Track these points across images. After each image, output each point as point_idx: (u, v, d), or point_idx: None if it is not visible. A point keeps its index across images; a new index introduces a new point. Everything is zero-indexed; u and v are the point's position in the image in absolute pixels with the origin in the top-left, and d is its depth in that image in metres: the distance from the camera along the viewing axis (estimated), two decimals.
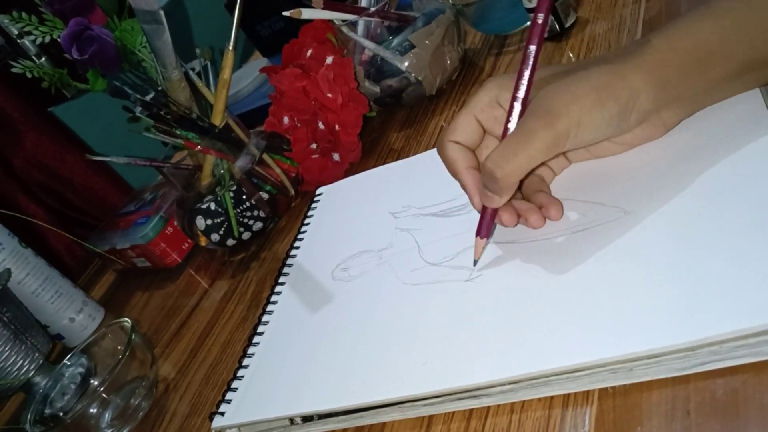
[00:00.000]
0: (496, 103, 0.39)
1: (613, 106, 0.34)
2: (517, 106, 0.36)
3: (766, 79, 0.36)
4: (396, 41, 0.63)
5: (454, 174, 0.39)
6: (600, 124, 0.34)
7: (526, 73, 0.36)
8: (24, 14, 0.58)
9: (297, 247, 0.56)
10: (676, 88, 0.35)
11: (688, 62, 0.34)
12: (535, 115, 0.34)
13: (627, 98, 0.34)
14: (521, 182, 0.38)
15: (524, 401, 0.32)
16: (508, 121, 0.37)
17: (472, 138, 0.40)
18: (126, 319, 0.57)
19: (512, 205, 0.38)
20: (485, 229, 0.38)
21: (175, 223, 0.70)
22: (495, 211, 0.38)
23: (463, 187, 0.39)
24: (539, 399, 0.32)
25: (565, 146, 0.34)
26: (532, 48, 0.35)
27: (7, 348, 0.59)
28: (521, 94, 0.36)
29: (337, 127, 0.62)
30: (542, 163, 0.37)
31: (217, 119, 0.62)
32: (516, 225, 0.39)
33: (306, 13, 0.59)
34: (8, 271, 0.66)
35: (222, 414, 0.43)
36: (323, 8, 0.61)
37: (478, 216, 0.39)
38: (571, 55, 0.57)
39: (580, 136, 0.34)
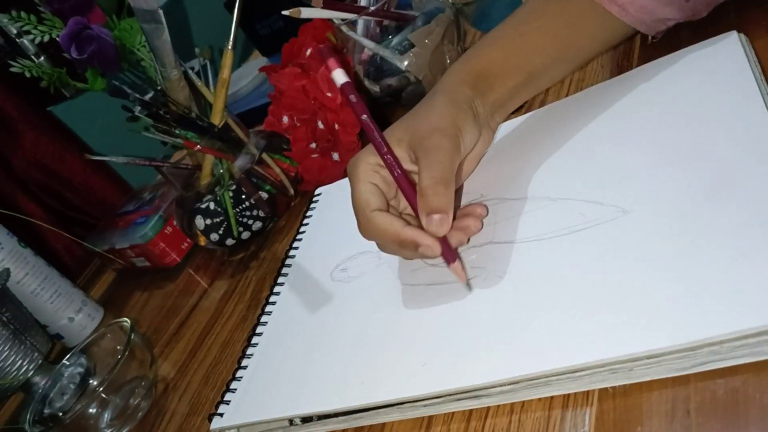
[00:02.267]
0: (378, 166, 0.42)
1: (470, 113, 0.42)
2: (389, 158, 0.40)
3: (553, 81, 0.48)
4: (395, 40, 0.63)
5: (396, 236, 0.39)
6: (471, 129, 0.41)
7: (377, 134, 0.41)
8: (23, 13, 0.58)
9: (296, 248, 0.56)
10: (489, 96, 0.43)
11: (487, 77, 0.43)
12: (428, 136, 0.39)
13: (471, 104, 0.42)
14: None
15: (524, 401, 0.32)
16: (394, 173, 0.40)
17: (383, 201, 0.41)
18: (125, 318, 0.57)
19: (455, 225, 0.40)
20: (451, 253, 0.38)
21: (175, 222, 0.70)
22: (446, 237, 0.39)
23: (412, 240, 0.38)
24: (539, 399, 0.32)
25: (461, 151, 0.40)
26: (365, 117, 0.41)
27: (6, 348, 0.59)
28: (384, 149, 0.40)
29: (336, 126, 0.62)
30: None
31: (217, 119, 0.62)
32: (467, 241, 0.41)
33: (305, 12, 0.59)
34: (7, 271, 0.66)
35: (221, 415, 0.43)
36: (323, 7, 0.61)
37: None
38: None
39: (465, 141, 0.41)
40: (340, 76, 0.41)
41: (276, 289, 0.52)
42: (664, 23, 0.44)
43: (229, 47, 0.60)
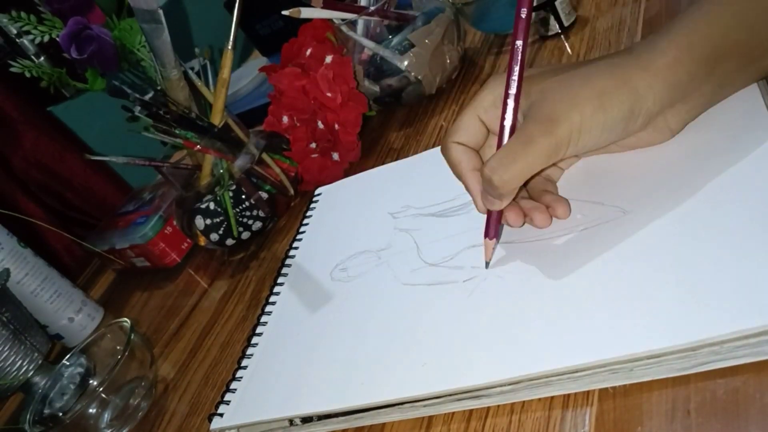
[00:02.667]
0: (501, 102, 0.37)
1: (617, 112, 0.33)
2: (511, 103, 0.35)
3: (767, 69, 0.35)
4: (395, 40, 0.63)
5: (459, 176, 0.39)
6: (603, 130, 0.34)
7: (516, 69, 0.35)
8: (23, 13, 0.58)
9: (296, 248, 0.56)
10: (685, 89, 0.34)
11: (695, 60, 0.33)
12: (535, 120, 0.34)
13: (632, 103, 0.33)
14: (527, 182, 0.38)
15: (524, 401, 0.32)
16: (503, 119, 0.36)
17: (475, 138, 0.39)
18: (125, 318, 0.57)
19: (518, 205, 0.38)
20: (493, 230, 0.38)
21: (175, 222, 0.70)
22: (500, 212, 0.38)
23: (467, 189, 0.38)
24: (539, 399, 0.32)
25: (566, 153, 0.34)
26: (519, 43, 0.35)
27: (6, 348, 0.59)
28: (513, 90, 0.35)
29: (336, 126, 0.62)
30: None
31: (217, 119, 0.62)
32: (523, 225, 0.38)
33: (305, 12, 0.59)
34: (7, 271, 0.66)
35: (221, 415, 0.43)
36: (323, 7, 0.61)
37: (478, 216, 0.39)
38: (570, 52, 0.57)
39: (582, 142, 0.34)
40: None
41: (276, 289, 0.52)
42: None
43: (229, 47, 0.60)
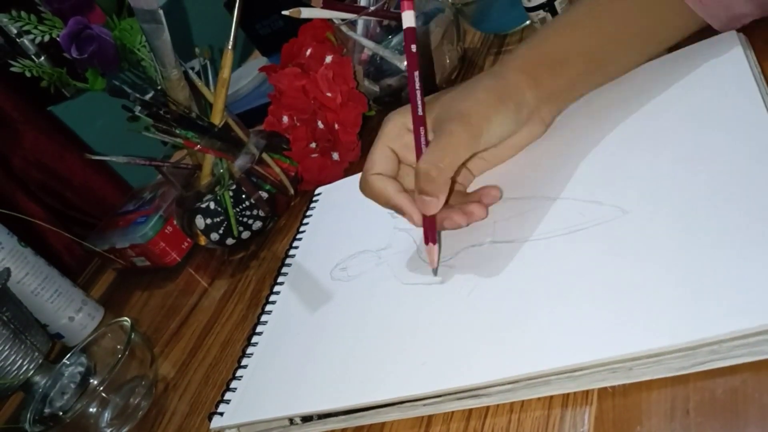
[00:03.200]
0: (405, 130, 0.42)
1: (510, 104, 0.40)
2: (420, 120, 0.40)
3: (616, 73, 0.43)
4: (395, 40, 0.63)
5: (387, 202, 0.41)
6: (504, 119, 0.40)
7: (418, 93, 0.40)
8: (23, 13, 0.58)
9: (296, 247, 0.56)
10: (548, 86, 0.41)
11: (550, 63, 0.41)
12: (448, 120, 0.39)
13: (517, 96, 0.40)
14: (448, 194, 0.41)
15: (523, 401, 0.32)
16: (419, 133, 0.40)
17: (391, 167, 0.42)
18: (125, 318, 0.57)
19: (454, 206, 0.41)
20: (432, 234, 0.39)
21: (175, 222, 0.70)
22: (434, 218, 0.40)
23: (400, 208, 0.41)
24: (538, 399, 0.32)
25: (481, 142, 0.39)
26: (416, 73, 0.40)
27: (6, 347, 0.59)
28: (421, 112, 0.40)
29: (336, 126, 0.62)
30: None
31: (217, 118, 0.62)
32: (468, 224, 0.41)
33: (305, 12, 0.59)
34: (7, 270, 0.66)
35: (221, 414, 0.43)
36: (322, 7, 0.61)
37: None
38: None
39: (491, 132, 0.39)
40: (409, 19, 0.40)
41: (276, 288, 0.52)
42: (739, 21, 0.41)
43: (229, 47, 0.60)
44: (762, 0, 0.40)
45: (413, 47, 0.41)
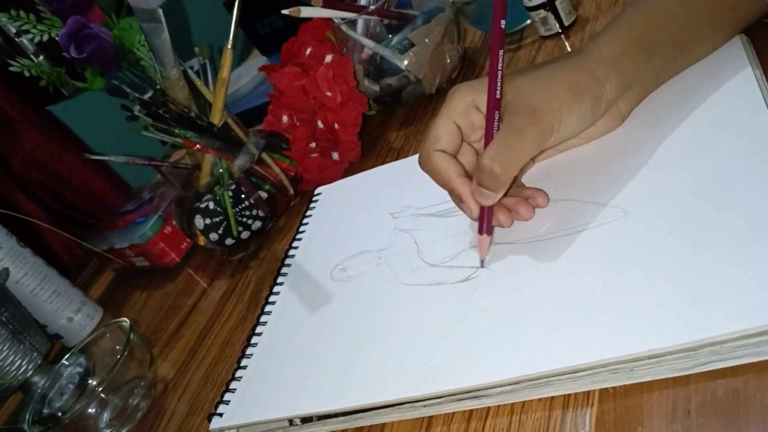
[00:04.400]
0: (474, 108, 0.40)
1: (587, 99, 0.37)
2: (496, 106, 0.38)
3: (696, 59, 0.41)
4: (395, 40, 0.63)
5: (446, 183, 0.39)
6: (578, 117, 0.37)
7: (500, 74, 0.38)
8: (22, 13, 0.58)
9: (296, 247, 0.56)
10: (632, 77, 0.39)
11: (636, 51, 0.38)
12: (520, 113, 0.37)
13: (597, 90, 0.37)
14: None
15: (524, 402, 0.32)
16: (490, 116, 0.38)
17: (454, 145, 0.40)
18: (124, 318, 0.57)
19: (503, 204, 0.39)
20: (487, 225, 0.38)
21: (174, 222, 0.69)
22: (492, 209, 0.38)
23: (458, 194, 0.39)
24: (540, 399, 0.32)
25: (550, 141, 0.37)
26: (500, 52, 0.38)
27: (5, 348, 0.59)
28: (499, 95, 0.38)
29: (336, 125, 0.62)
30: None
31: (216, 118, 0.62)
32: (512, 224, 0.39)
33: (305, 12, 0.59)
34: (6, 271, 0.66)
35: (220, 415, 0.43)
36: (322, 6, 0.61)
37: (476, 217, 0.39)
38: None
39: (562, 130, 0.37)
40: None
41: (276, 288, 0.52)
42: None
43: (229, 46, 0.60)
44: None
45: (503, 22, 0.38)
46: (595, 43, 0.39)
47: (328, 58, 0.63)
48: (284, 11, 0.58)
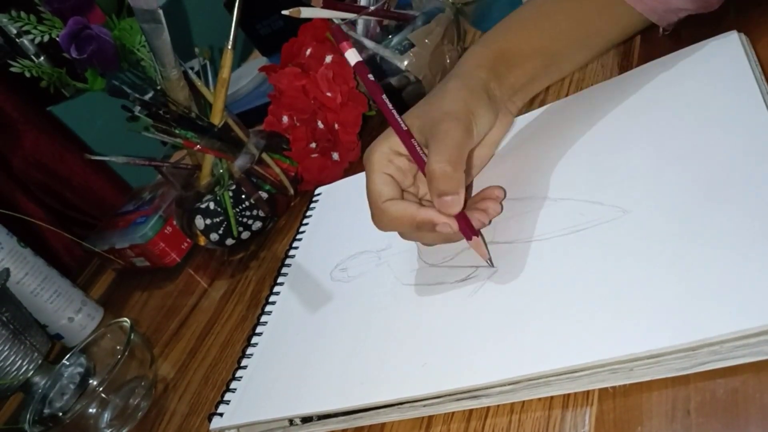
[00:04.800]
0: (394, 154, 0.41)
1: (484, 96, 0.41)
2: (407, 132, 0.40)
3: (569, 70, 0.46)
4: (395, 40, 0.63)
5: (411, 221, 0.39)
6: (485, 112, 0.40)
7: (394, 112, 0.41)
8: (23, 13, 0.58)
9: (296, 247, 0.56)
10: (509, 80, 0.43)
11: (507, 59, 0.43)
12: (440, 121, 0.39)
13: (486, 90, 0.41)
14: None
15: (524, 401, 0.32)
16: (410, 144, 0.40)
17: (397, 191, 0.41)
18: (125, 318, 0.57)
19: (471, 207, 0.40)
20: (470, 229, 0.38)
21: (174, 222, 0.70)
22: (465, 215, 0.39)
23: (430, 221, 0.38)
24: (539, 399, 0.32)
25: (474, 137, 0.40)
26: (383, 97, 0.41)
27: (6, 348, 0.59)
28: (405, 126, 0.40)
29: (336, 126, 0.62)
30: None
31: (216, 118, 0.62)
32: (490, 221, 0.40)
33: (305, 12, 0.59)
34: (7, 271, 0.66)
35: (221, 415, 0.43)
36: (322, 7, 0.61)
37: None
38: None
39: (479, 123, 0.40)
40: (352, 57, 0.41)
41: (276, 289, 0.52)
42: (676, 14, 0.44)
43: (229, 47, 0.60)
44: None
45: (370, 76, 0.41)
46: (469, 55, 0.43)
47: (328, 58, 0.63)
48: (284, 12, 0.58)
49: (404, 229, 0.40)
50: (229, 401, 0.44)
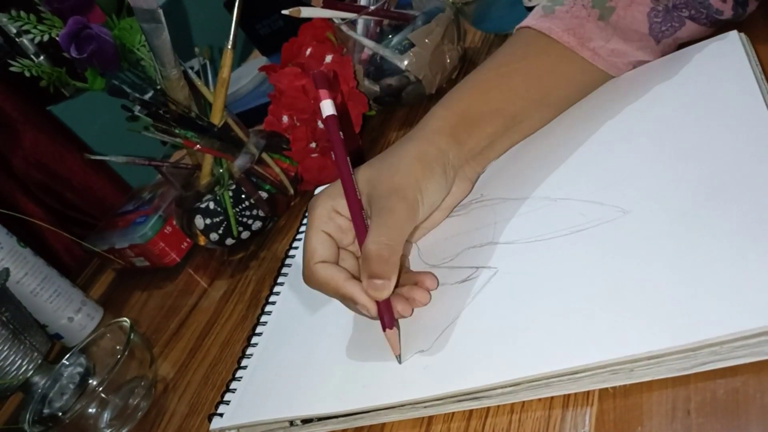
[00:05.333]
0: (335, 213, 0.41)
1: (438, 167, 0.40)
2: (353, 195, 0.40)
3: (529, 130, 0.45)
4: (395, 40, 0.63)
5: (336, 291, 0.38)
6: (435, 185, 0.40)
7: (354, 179, 0.40)
8: (22, 13, 0.58)
9: (296, 247, 0.56)
10: (468, 146, 0.42)
11: (467, 123, 0.42)
12: (385, 197, 0.38)
13: (442, 158, 0.40)
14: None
15: (524, 401, 0.32)
16: (358, 214, 0.39)
17: (332, 253, 0.40)
18: (125, 318, 0.57)
19: (399, 293, 0.39)
20: (390, 318, 0.37)
21: (174, 222, 0.69)
22: (389, 302, 0.37)
23: (351, 297, 0.38)
24: (539, 399, 0.32)
25: (420, 213, 0.39)
26: (347, 159, 0.41)
27: (5, 348, 0.59)
28: (359, 195, 0.40)
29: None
30: None
31: (216, 118, 0.62)
32: (412, 312, 0.39)
33: (305, 12, 0.59)
34: (7, 271, 0.66)
35: (221, 415, 0.43)
36: (323, 7, 0.61)
37: (478, 216, 0.39)
38: None
39: (426, 200, 0.39)
40: (328, 108, 0.41)
41: (276, 288, 0.52)
42: (634, 65, 0.45)
43: (229, 47, 0.60)
44: (652, 47, 0.43)
45: (337, 134, 0.40)
46: (430, 117, 0.43)
47: (328, 58, 0.63)
48: (284, 12, 0.58)
49: (329, 294, 0.40)
50: (229, 401, 0.44)
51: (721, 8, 0.41)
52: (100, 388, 0.51)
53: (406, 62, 0.62)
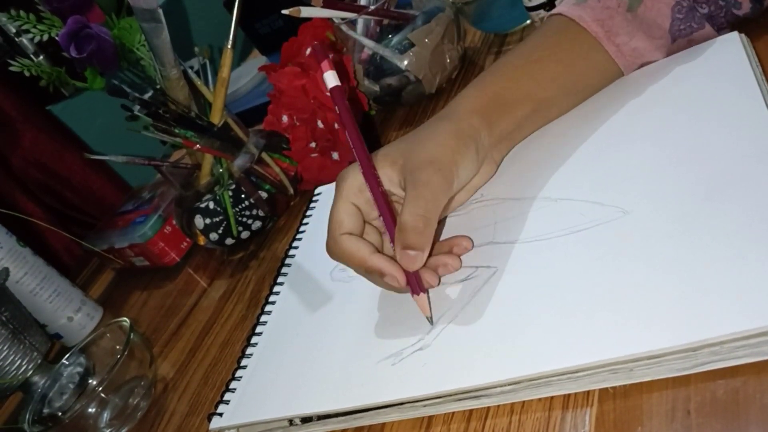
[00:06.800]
0: (364, 185, 0.40)
1: (472, 145, 0.40)
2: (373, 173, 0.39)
3: (554, 116, 0.45)
4: (395, 39, 0.63)
5: (361, 263, 0.38)
6: (469, 161, 0.40)
7: (361, 151, 0.40)
8: (22, 12, 0.58)
9: (296, 247, 0.56)
10: (499, 127, 0.42)
11: (500, 105, 0.42)
12: (421, 168, 0.38)
13: (476, 137, 0.40)
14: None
15: (524, 401, 0.32)
16: (380, 199, 0.39)
17: (358, 225, 0.40)
18: (124, 318, 0.57)
19: (426, 266, 0.39)
20: (419, 285, 0.37)
21: (174, 222, 0.69)
22: (417, 272, 0.38)
23: (378, 270, 0.38)
24: (539, 399, 0.32)
25: (455, 186, 0.39)
26: (352, 129, 0.41)
27: (5, 347, 0.59)
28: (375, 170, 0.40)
29: (336, 125, 0.62)
30: None
31: (216, 118, 0.62)
32: (439, 282, 0.39)
33: (305, 12, 0.59)
34: (6, 270, 0.66)
35: (220, 415, 0.43)
36: (322, 6, 0.61)
37: (478, 216, 0.39)
38: None
39: (461, 173, 0.39)
40: (331, 79, 0.40)
41: (276, 288, 0.52)
42: (646, 64, 0.45)
43: (229, 46, 0.60)
44: (667, 47, 0.44)
45: (339, 105, 0.40)
46: (462, 98, 0.43)
47: None
48: (284, 11, 0.58)
49: (353, 267, 0.39)
50: (229, 401, 0.44)
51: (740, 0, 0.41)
52: (100, 388, 0.51)
53: (406, 62, 0.62)
